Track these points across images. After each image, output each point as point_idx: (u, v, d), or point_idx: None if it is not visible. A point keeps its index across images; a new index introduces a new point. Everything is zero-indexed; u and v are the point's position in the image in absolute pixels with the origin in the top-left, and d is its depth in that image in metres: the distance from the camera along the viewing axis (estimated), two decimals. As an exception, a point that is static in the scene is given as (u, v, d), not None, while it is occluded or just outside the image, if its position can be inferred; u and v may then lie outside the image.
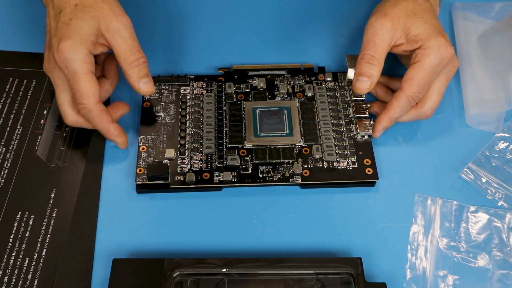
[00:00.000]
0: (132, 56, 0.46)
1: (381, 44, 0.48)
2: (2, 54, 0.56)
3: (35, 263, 0.44)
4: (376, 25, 0.48)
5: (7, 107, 0.52)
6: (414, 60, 0.48)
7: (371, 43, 0.48)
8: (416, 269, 0.44)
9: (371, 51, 0.48)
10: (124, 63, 0.46)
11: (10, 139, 0.50)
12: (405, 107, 0.49)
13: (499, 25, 0.58)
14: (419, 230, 0.46)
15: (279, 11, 0.60)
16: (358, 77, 0.48)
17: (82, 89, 0.45)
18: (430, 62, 0.47)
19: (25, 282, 0.43)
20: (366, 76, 0.48)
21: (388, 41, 0.48)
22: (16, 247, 0.44)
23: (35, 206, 0.46)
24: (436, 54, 0.47)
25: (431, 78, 0.48)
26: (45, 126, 0.51)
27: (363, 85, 0.48)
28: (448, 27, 0.59)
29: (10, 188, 0.47)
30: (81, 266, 0.44)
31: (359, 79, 0.48)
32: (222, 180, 0.48)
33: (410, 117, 0.50)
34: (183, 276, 0.42)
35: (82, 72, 0.44)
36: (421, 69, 0.47)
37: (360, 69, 0.48)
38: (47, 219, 0.46)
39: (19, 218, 0.46)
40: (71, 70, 0.44)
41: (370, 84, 0.48)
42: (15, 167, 0.48)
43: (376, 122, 0.50)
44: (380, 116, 0.49)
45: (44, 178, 0.48)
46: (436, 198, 0.47)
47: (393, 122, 0.50)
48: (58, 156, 0.49)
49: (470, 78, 0.54)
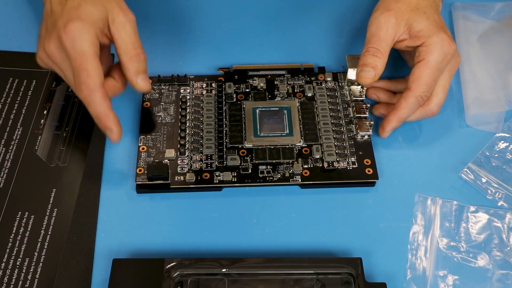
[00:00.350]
0: (133, 51, 0.46)
1: (385, 39, 0.48)
2: (2, 54, 0.56)
3: (35, 263, 0.44)
4: (380, 19, 0.48)
5: (7, 107, 0.52)
6: (419, 59, 0.48)
7: (375, 38, 0.48)
8: (416, 269, 0.44)
9: (375, 45, 0.48)
10: (124, 56, 0.46)
11: (10, 139, 0.50)
12: (414, 107, 0.49)
13: (499, 25, 0.58)
14: (419, 230, 0.46)
15: (279, 11, 0.60)
16: (362, 68, 0.48)
17: (90, 68, 0.44)
18: (434, 59, 0.47)
19: (25, 282, 0.43)
20: (370, 66, 0.48)
21: (392, 36, 0.48)
22: (16, 247, 0.44)
23: (35, 206, 0.46)
24: (440, 50, 0.47)
25: (437, 75, 0.48)
26: (45, 126, 0.51)
27: (368, 74, 0.48)
28: (448, 27, 0.59)
29: (10, 188, 0.47)
30: (81, 266, 0.44)
31: (364, 69, 0.48)
32: (222, 180, 0.48)
33: (417, 116, 0.50)
34: (183, 276, 0.42)
35: (90, 52, 0.44)
36: (427, 67, 0.47)
37: (364, 60, 0.48)
38: (47, 219, 0.46)
39: (19, 218, 0.46)
40: (79, 50, 0.44)
41: (374, 75, 0.48)
42: (15, 167, 0.48)
43: (384, 123, 0.50)
44: (388, 117, 0.49)
45: (44, 178, 0.48)
46: (436, 198, 0.47)
47: (401, 122, 0.50)
48: (58, 156, 0.49)
49: (470, 78, 0.54)
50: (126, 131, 0.51)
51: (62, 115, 0.52)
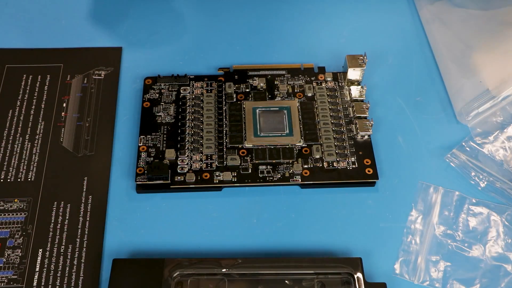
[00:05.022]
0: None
1: None
2: (13, 52, 0.56)
3: (79, 248, 0.45)
4: None
5: (26, 103, 0.53)
6: None
7: None
8: (409, 252, 0.45)
9: None
10: None
11: (34, 133, 0.51)
12: None
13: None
14: (418, 215, 0.46)
15: (279, 11, 0.60)
16: None
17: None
18: None
19: (71, 268, 0.44)
20: None
21: None
22: (58, 235, 0.46)
23: (69, 195, 0.48)
24: None
25: None
26: (66, 118, 0.52)
27: None
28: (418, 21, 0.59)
29: (42, 180, 0.48)
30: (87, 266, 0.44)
31: None
32: (222, 180, 0.48)
33: None
34: (183, 276, 0.42)
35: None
36: None
37: None
38: (84, 206, 0.47)
39: (56, 208, 0.47)
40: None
41: None
42: (43, 160, 0.49)
43: None
44: None
45: (73, 168, 0.49)
46: (439, 187, 0.47)
47: None
48: (84, 146, 0.50)
49: (445, 70, 0.54)
50: (126, 131, 0.51)
51: (81, 106, 0.52)
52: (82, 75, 0.54)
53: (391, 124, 0.52)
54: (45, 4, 0.60)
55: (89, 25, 0.58)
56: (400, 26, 0.59)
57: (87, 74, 0.54)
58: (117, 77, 0.54)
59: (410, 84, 0.55)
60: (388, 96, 0.54)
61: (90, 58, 0.55)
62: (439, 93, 0.54)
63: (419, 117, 0.53)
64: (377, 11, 0.60)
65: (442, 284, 0.44)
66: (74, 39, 0.57)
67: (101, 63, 0.55)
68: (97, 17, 0.59)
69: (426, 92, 0.54)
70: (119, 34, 0.58)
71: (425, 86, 0.55)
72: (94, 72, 0.54)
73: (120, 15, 0.59)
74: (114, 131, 0.51)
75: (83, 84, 0.54)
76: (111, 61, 0.55)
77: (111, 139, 0.51)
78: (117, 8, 0.60)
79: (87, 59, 0.55)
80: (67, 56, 0.56)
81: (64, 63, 0.55)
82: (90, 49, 0.56)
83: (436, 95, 0.54)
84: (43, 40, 0.57)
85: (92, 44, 0.57)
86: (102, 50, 0.56)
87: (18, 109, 0.52)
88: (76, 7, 0.59)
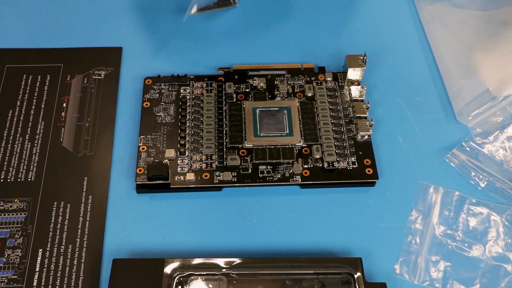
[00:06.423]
0: None
1: None
2: (13, 52, 0.56)
3: (79, 248, 0.45)
4: None
5: (26, 103, 0.53)
6: None
7: None
8: (409, 252, 0.45)
9: None
10: None
11: (34, 133, 0.51)
12: None
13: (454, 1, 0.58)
14: (418, 215, 0.46)
15: (279, 11, 0.60)
16: None
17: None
18: None
19: (71, 268, 0.44)
20: None
21: None
22: (58, 235, 0.46)
23: (69, 195, 0.48)
24: None
25: None
26: (66, 118, 0.52)
27: None
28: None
29: (42, 180, 0.48)
30: (88, 265, 0.44)
31: None
32: (222, 180, 0.48)
33: None
34: (183, 276, 0.42)
35: None
36: None
37: None
38: (84, 206, 0.47)
39: (56, 208, 0.47)
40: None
41: None
42: (43, 160, 0.49)
43: None
44: None
45: (73, 167, 0.49)
46: (439, 187, 0.48)
47: None
48: (84, 146, 0.50)
49: (445, 70, 0.54)
50: (126, 131, 0.51)
51: (81, 106, 0.52)
52: (82, 75, 0.54)
53: (391, 124, 0.52)
54: (45, 4, 0.60)
55: (89, 25, 0.58)
56: (400, 26, 0.59)
57: (87, 74, 0.54)
58: (117, 77, 0.54)
59: (410, 84, 0.55)
60: (388, 96, 0.54)
61: (90, 58, 0.56)
62: (439, 93, 0.54)
63: (419, 117, 0.53)
64: (377, 11, 0.61)
65: (442, 284, 0.44)
66: (74, 39, 0.57)
67: (101, 63, 0.55)
68: (97, 17, 0.59)
69: (426, 92, 0.54)
70: (119, 34, 0.58)
71: (425, 86, 0.55)
72: (94, 72, 0.55)
73: (120, 15, 0.59)
74: (114, 131, 0.51)
75: (83, 84, 0.54)
76: (111, 61, 0.55)
77: (111, 139, 0.51)
78: (117, 8, 0.60)
79: (87, 59, 0.55)
80: (67, 56, 0.56)
81: (64, 63, 0.55)
82: (90, 49, 0.56)
83: (436, 95, 0.54)
84: (43, 40, 0.57)
85: (92, 44, 0.57)
86: (102, 50, 0.56)
87: (18, 109, 0.52)
88: (76, 7, 0.59)
